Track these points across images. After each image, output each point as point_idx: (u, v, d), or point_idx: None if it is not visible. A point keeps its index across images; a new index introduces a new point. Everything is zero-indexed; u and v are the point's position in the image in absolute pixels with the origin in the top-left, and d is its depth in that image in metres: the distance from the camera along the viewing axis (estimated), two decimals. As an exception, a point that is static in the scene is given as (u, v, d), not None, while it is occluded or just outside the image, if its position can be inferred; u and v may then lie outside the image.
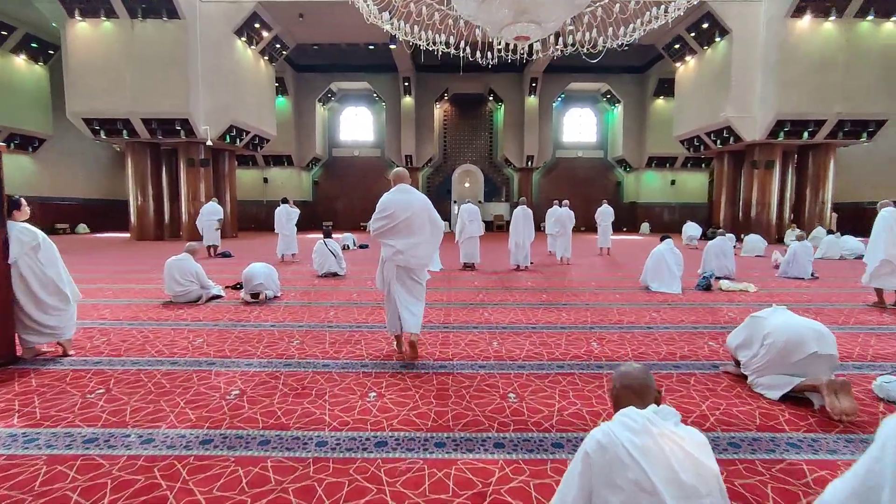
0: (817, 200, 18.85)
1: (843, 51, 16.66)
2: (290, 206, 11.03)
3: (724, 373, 3.54)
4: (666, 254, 7.32)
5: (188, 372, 3.58)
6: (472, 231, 9.41)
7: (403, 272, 3.95)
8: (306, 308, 5.80)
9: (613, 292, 7.08)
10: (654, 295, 6.85)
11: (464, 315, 5.58)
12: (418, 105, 28.11)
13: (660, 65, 26.14)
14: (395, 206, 3.87)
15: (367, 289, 7.33)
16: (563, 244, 10.74)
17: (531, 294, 6.86)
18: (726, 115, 17.61)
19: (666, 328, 4.93)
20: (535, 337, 4.60)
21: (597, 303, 6.25)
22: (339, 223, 30.23)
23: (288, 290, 7.10)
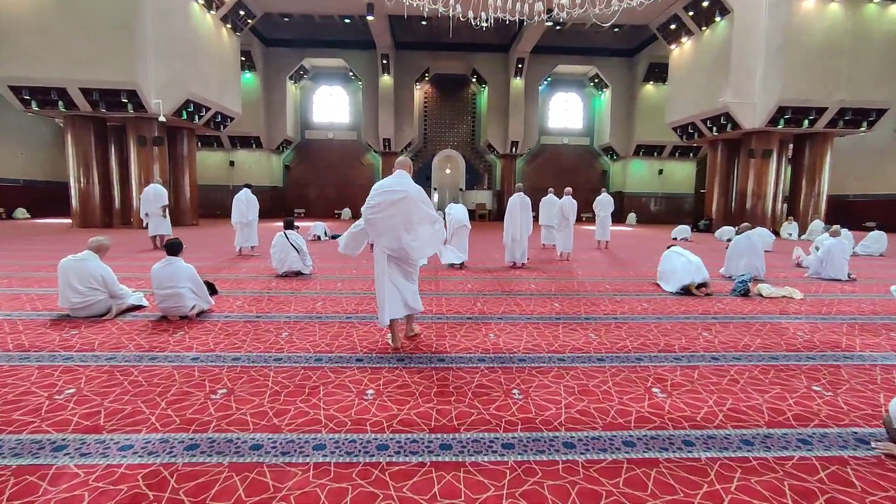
0: (812, 192, 18.18)
1: (849, 35, 15.82)
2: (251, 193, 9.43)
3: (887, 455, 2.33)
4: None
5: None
6: (462, 218, 8.06)
7: (395, 261, 3.76)
8: (250, 327, 4.38)
9: (638, 300, 5.88)
10: (687, 303, 5.67)
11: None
12: (397, 85, 26.42)
13: (650, 48, 25.09)
14: (385, 190, 3.71)
15: (335, 294, 5.94)
16: (563, 238, 9.52)
17: (539, 302, 5.60)
18: (725, 100, 16.64)
19: (737, 359, 3.71)
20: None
21: (626, 316, 5.02)
22: (312, 211, 28.46)
23: (230, 297, 5.65)
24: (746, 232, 7.55)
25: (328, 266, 8.29)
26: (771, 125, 16.57)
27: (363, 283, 6.69)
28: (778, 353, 3.83)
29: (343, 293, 5.93)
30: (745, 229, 7.79)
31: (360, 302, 5.44)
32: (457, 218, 8.08)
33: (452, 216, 8.15)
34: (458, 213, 8.20)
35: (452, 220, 8.09)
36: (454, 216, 8.13)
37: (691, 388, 3.11)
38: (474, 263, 8.86)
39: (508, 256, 8.37)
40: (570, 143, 29.45)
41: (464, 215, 8.18)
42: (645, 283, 7.08)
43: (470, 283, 6.86)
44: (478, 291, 6.21)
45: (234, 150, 26.11)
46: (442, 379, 3.22)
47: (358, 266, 8.33)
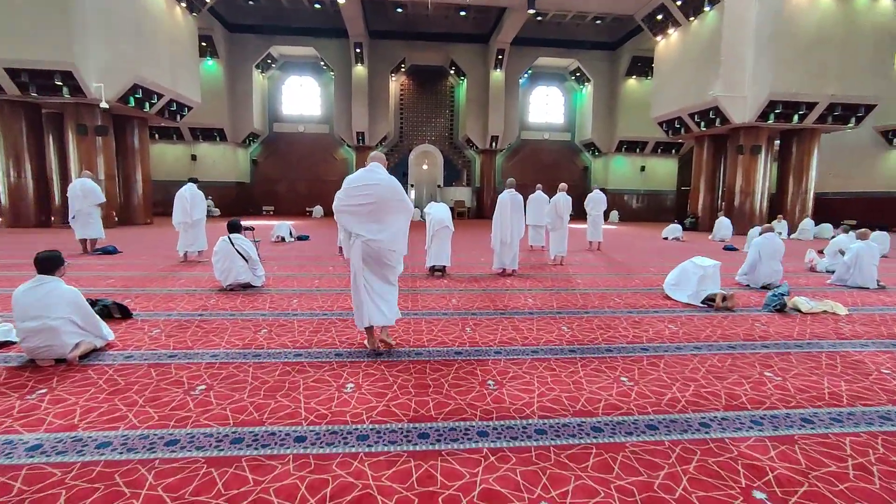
0: (800, 190, 17.75)
1: (840, 27, 15.32)
2: (197, 189, 8.07)
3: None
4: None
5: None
6: (443, 218, 6.94)
7: (372, 257, 3.52)
8: (154, 377, 3.15)
9: (659, 319, 4.88)
10: (720, 323, 4.69)
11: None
12: (372, 76, 25.06)
13: (633, 41, 24.43)
14: (356, 183, 3.54)
15: (287, 316, 4.74)
16: (557, 239, 8.50)
17: (544, 325, 4.53)
18: (714, 93, 15.97)
19: (838, 421, 2.70)
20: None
21: (656, 345, 3.99)
22: (282, 208, 26.87)
23: (149, 321, 4.39)
24: (767, 234, 6.63)
25: (287, 276, 7.05)
26: (761, 120, 15.99)
27: (325, 298, 5.50)
28: (882, 408, 2.84)
29: (298, 315, 4.73)
30: (769, 230, 6.88)
31: (316, 328, 4.26)
32: (437, 218, 6.95)
33: (433, 216, 7.00)
34: (440, 212, 7.06)
35: (433, 221, 6.95)
36: (434, 216, 6.99)
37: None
38: (458, 270, 7.76)
39: (497, 262, 7.29)
40: (550, 138, 28.64)
41: (446, 215, 7.05)
42: (656, 293, 6.10)
43: (455, 296, 5.74)
44: (465, 309, 5.10)
45: (196, 142, 24.30)
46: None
47: (323, 275, 7.11)
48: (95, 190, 8.76)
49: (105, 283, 6.08)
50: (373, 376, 3.18)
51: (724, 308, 5.18)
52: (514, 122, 26.76)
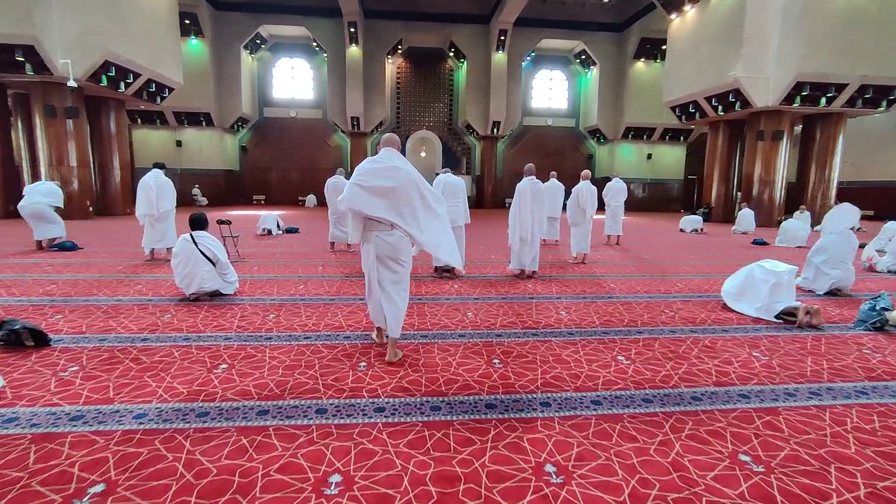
0: (823, 179, 16.72)
1: (875, 2, 14.17)
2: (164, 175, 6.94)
3: None
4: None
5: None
6: (456, 218, 5.91)
7: (384, 254, 3.17)
8: (30, 448, 2.12)
9: (737, 341, 3.87)
10: (809, 347, 3.68)
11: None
12: (367, 58, 23.73)
13: (642, 22, 23.19)
14: (374, 166, 3.11)
15: (261, 342, 3.68)
16: (580, 235, 7.45)
17: (593, 352, 3.51)
18: (736, 75, 14.84)
19: None
20: None
21: (757, 390, 2.96)
22: (273, 197, 25.67)
23: (70, 350, 3.32)
24: (844, 230, 5.56)
25: (267, 279, 5.97)
26: (785, 103, 14.89)
27: (310, 311, 4.44)
28: None
29: (272, 339, 3.67)
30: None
31: (294, 361, 3.20)
32: (450, 186, 5.98)
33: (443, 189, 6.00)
34: (444, 187, 6.07)
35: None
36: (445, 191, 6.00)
37: None
38: (469, 269, 6.71)
39: (515, 262, 6.24)
40: (554, 124, 27.45)
41: (461, 192, 6.06)
42: (708, 301, 5.08)
43: (470, 307, 4.69)
44: (486, 327, 4.05)
45: (181, 128, 22.98)
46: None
47: (310, 277, 6.04)
48: (53, 192, 7.64)
49: (42, 291, 5.00)
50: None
51: (807, 325, 4.16)
52: (516, 107, 25.54)
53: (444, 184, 6.18)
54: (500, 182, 26.39)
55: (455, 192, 6.14)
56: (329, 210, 8.37)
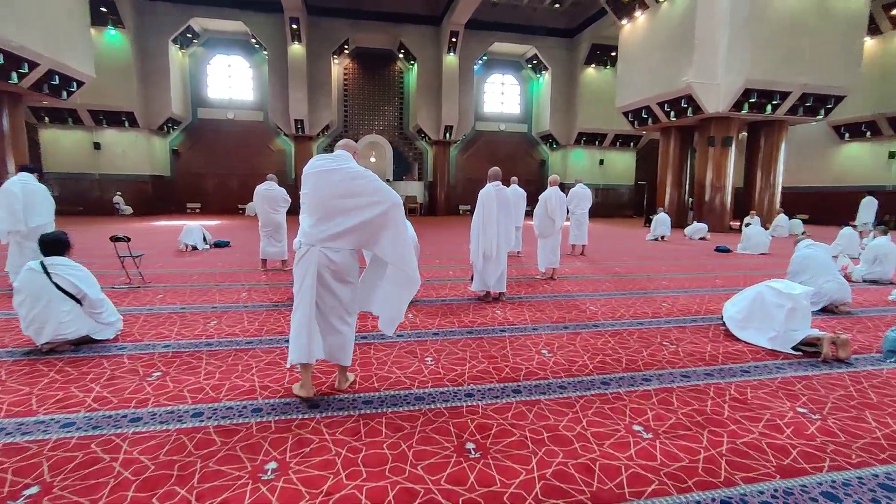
0: (768, 184, 17.07)
1: (813, 13, 14.54)
2: (38, 182, 5.47)
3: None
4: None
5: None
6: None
7: (329, 274, 2.63)
8: None
9: (767, 388, 3.12)
10: (858, 392, 2.97)
11: None
12: (311, 57, 22.35)
13: (593, 28, 23.24)
14: (314, 170, 2.67)
15: (121, 430, 2.51)
16: (549, 248, 6.63)
17: (601, 419, 2.62)
18: (688, 80, 14.80)
19: None
20: None
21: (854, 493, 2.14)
22: (210, 205, 23.61)
23: None
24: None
25: (170, 311, 4.71)
26: (734, 110, 15.00)
27: (216, 361, 3.29)
28: None
29: (135, 425, 2.50)
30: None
31: (154, 477, 2.08)
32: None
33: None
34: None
35: None
36: None
37: None
38: (426, 291, 5.72)
39: (479, 283, 5.30)
40: (507, 129, 27.07)
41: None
42: (707, 326, 4.36)
43: (429, 348, 3.70)
44: (452, 382, 3.07)
45: (100, 128, 20.60)
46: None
47: (227, 308, 4.83)
48: None
49: None
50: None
51: (834, 359, 3.48)
52: (468, 111, 24.91)
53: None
54: (454, 188, 25.65)
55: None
56: (259, 222, 7.14)
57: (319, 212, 2.63)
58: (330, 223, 2.61)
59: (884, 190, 19.53)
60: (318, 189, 2.63)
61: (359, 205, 2.59)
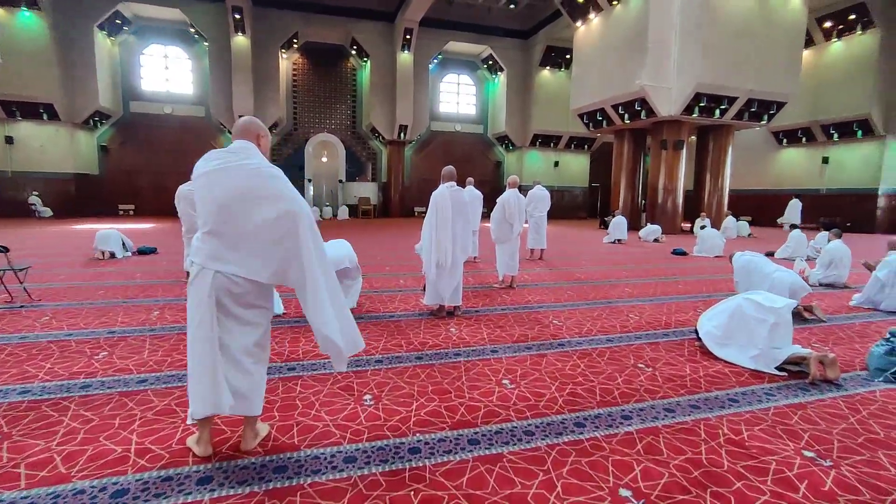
0: (717, 187, 17.50)
1: (758, 20, 14.97)
2: None
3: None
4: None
5: None
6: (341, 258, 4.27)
7: (231, 299, 2.01)
8: None
9: (771, 431, 2.72)
10: (868, 433, 2.61)
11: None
12: (257, 50, 21.12)
13: (548, 30, 23.26)
14: (204, 176, 2.02)
15: None
16: (507, 253, 6.14)
17: (595, 500, 2.06)
18: (642, 83, 14.87)
19: None
20: None
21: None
22: (145, 207, 21.84)
23: None
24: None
25: (49, 340, 3.84)
26: (685, 113, 15.23)
27: (98, 406, 2.55)
28: None
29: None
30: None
31: None
32: (333, 259, 4.35)
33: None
34: (336, 253, 4.50)
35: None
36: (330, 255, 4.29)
37: None
38: (372, 304, 5.08)
39: (432, 295, 4.72)
40: (462, 130, 26.71)
41: (344, 252, 4.47)
42: (681, 341, 3.98)
43: (369, 382, 3.08)
44: (392, 431, 2.48)
45: (13, 121, 18.55)
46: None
47: (124, 337, 4.00)
48: None
49: None
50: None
51: (822, 379, 3.14)
52: (423, 111, 24.34)
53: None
54: (408, 189, 25.00)
55: (339, 255, 4.44)
56: (183, 227, 6.26)
57: (211, 222, 1.98)
58: (224, 238, 1.97)
59: (818, 193, 20.60)
60: (211, 192, 1.98)
61: (265, 217, 1.97)
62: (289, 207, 1.99)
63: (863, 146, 18.91)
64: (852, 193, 19.21)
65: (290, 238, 1.99)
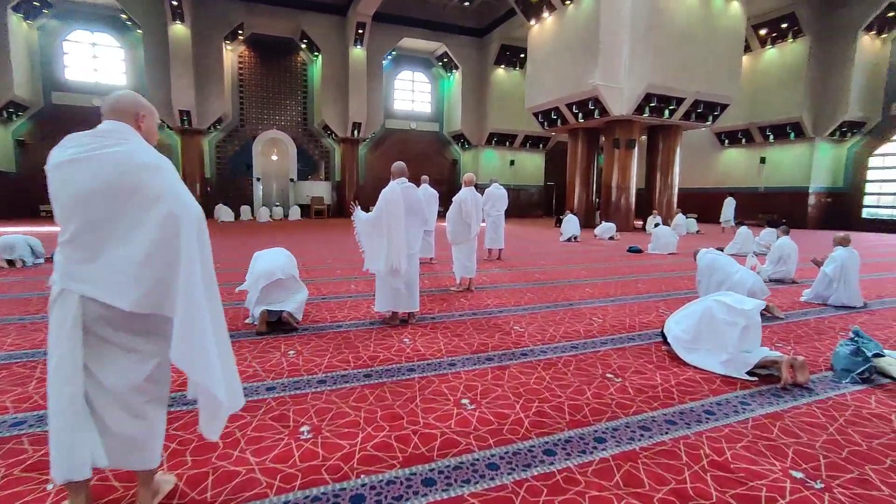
0: (667, 185, 18.01)
1: (703, 24, 15.48)
2: None
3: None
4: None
5: None
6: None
7: (106, 326, 1.57)
8: None
9: (767, 456, 2.49)
10: (849, 442, 2.45)
11: None
12: (198, 40, 19.88)
13: (502, 28, 23.26)
14: (57, 169, 1.54)
15: None
16: (464, 254, 5.83)
17: None
18: (595, 82, 15.03)
19: None
20: None
21: None
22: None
23: None
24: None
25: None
26: (637, 113, 15.53)
27: None
28: None
29: None
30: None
31: None
32: (265, 271, 3.91)
33: (258, 269, 3.93)
34: (269, 263, 4.09)
35: (258, 273, 3.88)
36: (261, 268, 3.96)
37: None
38: (318, 312, 4.62)
39: (384, 302, 4.32)
40: (417, 128, 26.32)
41: (277, 264, 4.07)
42: (646, 346, 3.79)
43: (308, 410, 2.66)
44: (332, 475, 2.09)
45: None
46: None
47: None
48: None
49: None
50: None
51: (793, 384, 3.01)
52: (377, 108, 23.77)
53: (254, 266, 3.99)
54: (363, 188, 24.33)
55: (270, 267, 3.98)
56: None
57: (70, 229, 1.52)
58: (83, 250, 1.51)
59: (757, 192, 21.70)
60: (67, 189, 1.53)
61: (137, 222, 1.52)
62: (170, 209, 1.52)
63: (795, 147, 20.05)
64: (787, 191, 20.34)
65: (168, 251, 1.52)
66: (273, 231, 15.13)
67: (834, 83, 18.74)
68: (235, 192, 22.74)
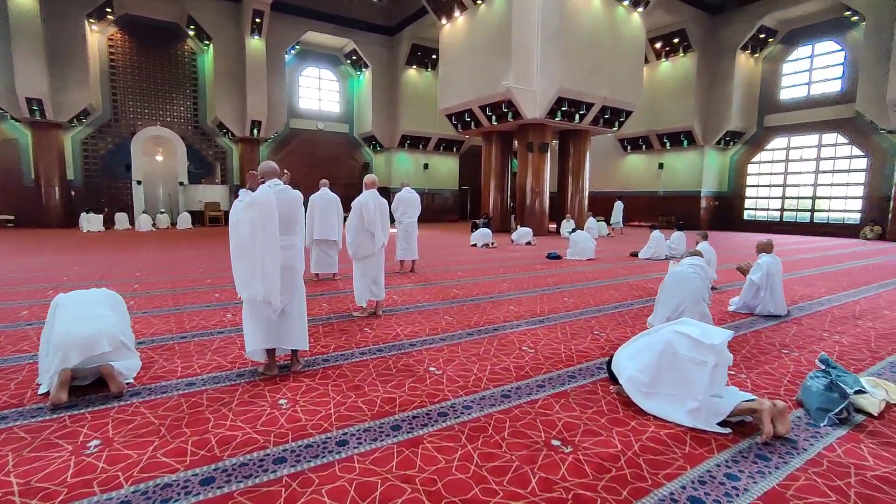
0: (578, 189, 18.30)
1: (608, 32, 15.84)
2: None
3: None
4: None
5: None
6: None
7: None
8: None
9: None
10: None
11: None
12: (52, 16, 16.78)
13: (413, 28, 22.48)
14: None
15: None
16: (369, 273, 4.81)
17: None
18: (508, 84, 14.73)
19: None
20: None
21: None
22: None
23: None
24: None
25: None
26: (549, 117, 15.49)
27: None
28: None
29: None
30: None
31: None
32: None
33: None
34: None
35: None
36: None
37: None
38: (165, 360, 3.35)
39: (256, 341, 3.18)
40: (326, 129, 24.69)
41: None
42: (592, 387, 3.08)
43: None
44: None
45: None
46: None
47: None
48: None
49: None
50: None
51: (775, 437, 2.40)
52: (280, 105, 21.87)
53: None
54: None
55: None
56: None
57: None
58: None
59: (656, 195, 23.04)
60: None
61: None
62: None
63: (688, 154, 21.53)
64: (682, 195, 21.77)
65: None
66: (148, 242, 12.91)
67: (718, 95, 20.37)
68: (111, 197, 19.60)
